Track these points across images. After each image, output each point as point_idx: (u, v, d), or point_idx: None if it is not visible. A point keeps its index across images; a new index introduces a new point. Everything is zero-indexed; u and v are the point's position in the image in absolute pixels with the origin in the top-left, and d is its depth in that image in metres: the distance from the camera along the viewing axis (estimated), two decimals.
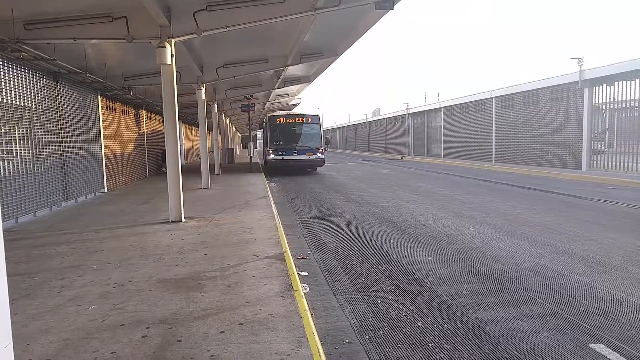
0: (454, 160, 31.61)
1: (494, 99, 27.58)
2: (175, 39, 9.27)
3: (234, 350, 3.61)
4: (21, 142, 9.80)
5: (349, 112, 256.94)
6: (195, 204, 11.78)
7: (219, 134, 29.77)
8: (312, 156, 22.86)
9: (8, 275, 2.27)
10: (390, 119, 47.62)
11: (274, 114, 25.08)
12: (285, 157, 22.72)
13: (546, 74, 30.84)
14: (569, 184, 16.63)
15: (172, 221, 9.30)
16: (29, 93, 10.27)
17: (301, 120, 23.72)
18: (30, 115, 10.29)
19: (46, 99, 11.10)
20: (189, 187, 14.62)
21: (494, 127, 27.72)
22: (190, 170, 22.22)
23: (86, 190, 13.46)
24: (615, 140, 19.85)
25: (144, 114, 20.87)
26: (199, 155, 25.50)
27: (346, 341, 4.14)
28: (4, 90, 9.22)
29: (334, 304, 5.08)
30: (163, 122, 13.02)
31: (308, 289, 5.51)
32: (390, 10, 9.41)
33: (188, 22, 9.07)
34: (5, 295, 2.24)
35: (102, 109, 15.07)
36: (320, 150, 23.10)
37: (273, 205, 11.48)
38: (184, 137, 31.70)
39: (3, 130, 9.13)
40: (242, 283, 5.25)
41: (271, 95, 28.38)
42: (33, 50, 9.33)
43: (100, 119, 14.89)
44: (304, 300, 4.74)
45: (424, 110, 38.74)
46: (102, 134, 14.96)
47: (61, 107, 11.89)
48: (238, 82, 20.11)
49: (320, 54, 15.78)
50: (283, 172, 23.15)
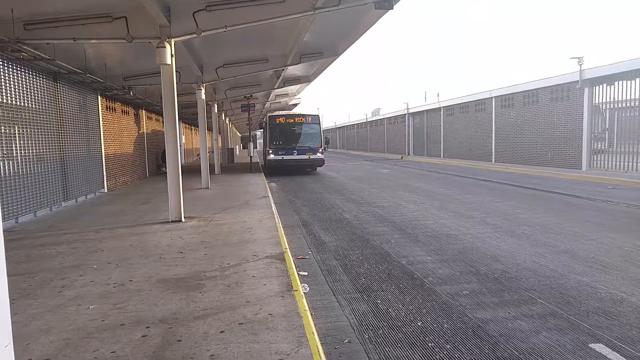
0: (454, 160, 31.61)
1: (493, 99, 27.58)
2: (175, 39, 9.27)
3: (234, 350, 3.61)
4: (21, 142, 9.81)
5: (348, 112, 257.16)
6: (195, 203, 11.78)
7: (219, 133, 29.77)
8: (312, 156, 22.86)
9: (8, 275, 2.27)
10: (390, 118, 47.61)
11: (274, 113, 25.08)
12: (285, 157, 22.72)
13: (546, 74, 30.81)
14: (569, 183, 16.63)
15: (172, 221, 9.31)
16: (29, 93, 10.27)
17: (301, 120, 23.72)
18: (31, 115, 10.30)
19: (46, 99, 11.10)
20: (188, 187, 14.63)
21: (493, 127, 27.72)
22: (190, 170, 22.23)
23: (86, 190, 13.47)
24: (615, 140, 19.85)
25: (143, 114, 20.87)
26: (198, 155, 25.49)
27: (346, 341, 4.14)
28: (4, 90, 9.23)
29: (334, 304, 5.08)
30: (163, 122, 13.03)
31: (308, 288, 5.51)
32: (390, 10, 9.42)
33: (188, 22, 9.08)
34: (6, 295, 2.24)
35: (102, 109, 15.08)
36: (320, 150, 23.10)
37: (273, 205, 11.48)
38: (183, 137, 31.71)
39: (3, 130, 9.13)
40: (242, 283, 5.25)
41: (271, 95, 28.39)
42: (33, 50, 9.34)
43: (100, 119, 14.90)
44: (304, 300, 4.75)
45: (423, 110, 38.73)
46: (102, 134, 14.97)
47: (61, 107, 11.89)
48: (238, 82, 20.11)
49: (320, 54, 15.79)
50: (283, 172, 23.15)
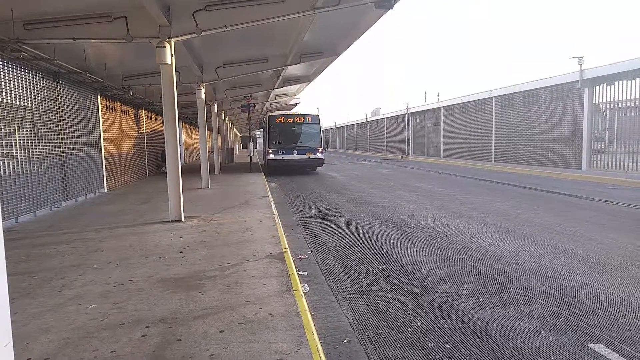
0: (454, 160, 31.61)
1: (493, 99, 27.57)
2: (175, 39, 9.27)
3: (234, 349, 3.61)
4: (21, 142, 9.81)
5: (348, 112, 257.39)
6: (195, 203, 11.78)
7: (219, 133, 29.76)
8: (312, 156, 22.86)
9: (8, 274, 2.27)
10: (390, 118, 47.61)
11: (274, 113, 25.07)
12: (285, 157, 22.72)
13: (546, 74, 30.78)
14: (569, 183, 16.64)
15: (172, 221, 9.31)
16: (28, 93, 10.27)
17: (301, 119, 23.72)
18: (30, 115, 10.30)
19: (46, 99, 11.10)
20: (188, 187, 14.63)
21: (493, 127, 27.71)
22: (190, 170, 22.23)
23: (86, 190, 13.47)
24: (615, 140, 19.85)
25: (143, 113, 20.87)
26: (198, 155, 25.48)
27: (346, 340, 4.14)
28: (4, 90, 9.23)
29: (334, 304, 5.08)
30: (163, 122, 13.04)
31: (308, 288, 5.52)
32: (390, 10, 9.41)
33: (187, 22, 9.08)
34: (6, 294, 2.25)
35: (102, 109, 15.08)
36: (320, 150, 23.10)
37: (273, 204, 11.49)
38: (183, 137, 31.71)
39: (3, 130, 9.13)
40: (242, 282, 5.26)
41: (271, 95, 28.39)
42: (33, 50, 9.34)
43: (100, 119, 14.90)
44: (304, 299, 4.75)
45: (423, 110, 38.73)
46: (102, 133, 14.97)
47: (61, 107, 11.89)
48: (238, 82, 20.11)
49: (320, 54, 15.79)
50: (283, 172, 23.15)
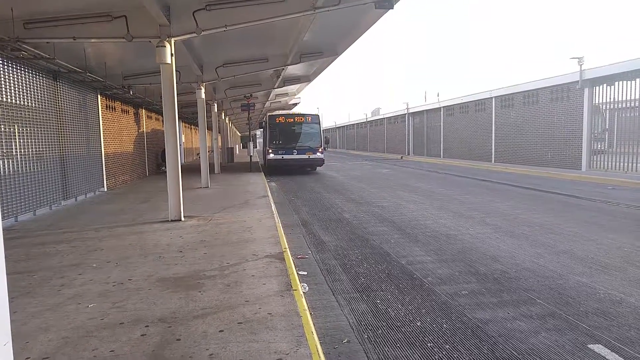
0: (454, 160, 31.61)
1: (494, 99, 27.58)
2: (175, 38, 9.27)
3: (233, 349, 3.61)
4: (21, 141, 9.80)
5: (348, 112, 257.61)
6: (195, 203, 11.78)
7: (219, 133, 29.75)
8: (312, 155, 22.85)
9: (8, 273, 2.27)
10: (390, 118, 47.62)
11: (274, 113, 25.06)
12: (285, 157, 22.72)
13: (546, 74, 30.82)
14: (569, 184, 16.64)
15: (172, 220, 9.31)
16: (28, 92, 10.27)
17: (301, 119, 23.72)
18: (30, 114, 10.29)
19: (46, 98, 11.10)
20: (188, 186, 14.62)
21: (493, 127, 27.72)
22: (190, 170, 22.23)
23: (86, 189, 13.46)
24: (615, 141, 19.85)
25: (143, 113, 20.86)
26: (198, 154, 25.47)
27: (345, 340, 4.14)
28: (3, 89, 9.22)
29: (333, 304, 5.08)
30: (163, 121, 13.03)
31: (307, 288, 5.52)
32: (390, 10, 9.41)
33: (188, 22, 9.08)
34: (5, 294, 2.24)
35: (102, 108, 15.07)
36: (320, 150, 23.10)
37: (272, 204, 11.48)
38: (183, 136, 31.71)
39: (3, 129, 9.13)
40: (242, 282, 5.25)
41: (271, 95, 28.38)
42: (33, 49, 9.33)
43: (100, 118, 14.89)
44: (303, 299, 4.75)
45: (423, 110, 38.74)
46: (102, 133, 14.96)
47: (61, 106, 11.88)
48: (238, 82, 20.10)
49: (320, 53, 15.79)
50: (283, 172, 23.15)
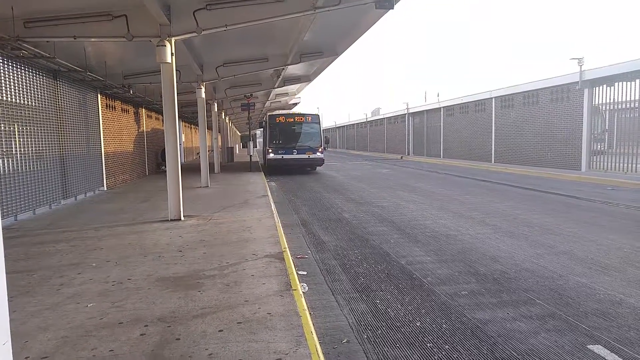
0: (454, 160, 31.61)
1: (493, 99, 27.57)
2: (175, 38, 9.27)
3: (233, 349, 3.61)
4: (21, 140, 9.80)
5: (348, 112, 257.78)
6: (195, 202, 11.77)
7: (219, 132, 29.75)
8: (312, 155, 22.86)
9: (7, 272, 2.27)
10: (390, 118, 47.60)
11: (274, 113, 25.06)
12: (285, 156, 22.72)
13: (546, 74, 30.85)
14: (569, 184, 16.64)
15: (172, 219, 9.30)
16: (28, 91, 10.26)
17: (301, 119, 23.72)
18: (30, 113, 10.29)
19: (46, 97, 11.09)
20: (188, 186, 14.62)
21: (493, 128, 27.71)
22: (190, 169, 22.23)
23: (86, 188, 13.46)
24: (614, 141, 19.85)
25: (143, 112, 20.86)
26: (198, 153, 25.49)
27: (344, 340, 4.14)
28: (3, 88, 9.22)
29: (333, 303, 5.08)
30: (163, 121, 13.03)
31: (307, 288, 5.52)
32: (391, 10, 9.41)
33: (188, 21, 9.07)
34: (4, 293, 2.24)
35: (102, 107, 15.07)
36: (320, 150, 23.10)
37: (272, 204, 11.48)
38: (183, 136, 31.70)
39: (3, 128, 9.12)
40: (241, 282, 5.25)
41: (271, 95, 28.37)
42: (33, 48, 9.33)
43: (100, 117, 14.89)
44: (303, 299, 4.75)
45: (423, 110, 38.72)
46: (102, 132, 14.96)
47: (61, 105, 11.88)
48: (238, 81, 20.10)
49: (320, 53, 15.78)
50: (282, 171, 23.15)
